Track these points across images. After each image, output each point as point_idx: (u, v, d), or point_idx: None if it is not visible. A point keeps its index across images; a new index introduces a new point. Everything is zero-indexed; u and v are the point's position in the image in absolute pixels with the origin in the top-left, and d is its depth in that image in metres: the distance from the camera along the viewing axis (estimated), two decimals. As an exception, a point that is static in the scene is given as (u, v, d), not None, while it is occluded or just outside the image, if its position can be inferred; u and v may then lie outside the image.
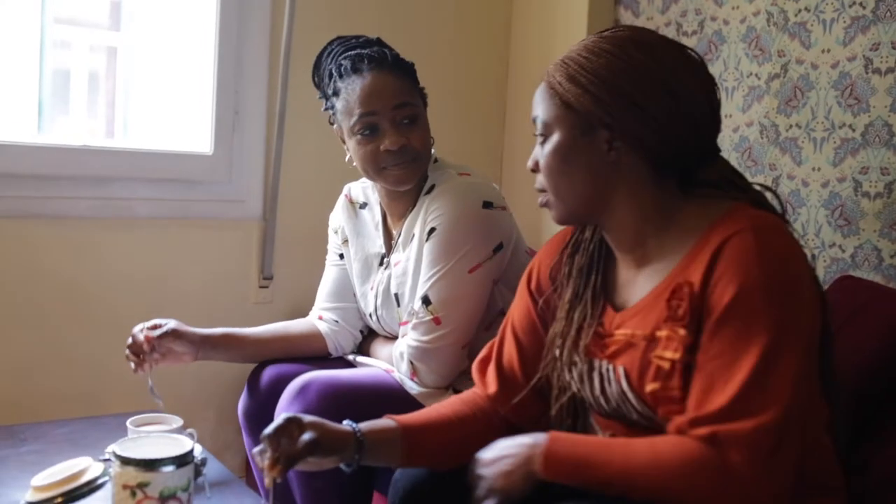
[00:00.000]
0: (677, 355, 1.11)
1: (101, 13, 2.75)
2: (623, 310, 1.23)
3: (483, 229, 1.68)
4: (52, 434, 1.76)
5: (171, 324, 1.74)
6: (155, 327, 1.74)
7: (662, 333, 1.14)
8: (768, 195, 1.22)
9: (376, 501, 1.74)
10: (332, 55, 1.76)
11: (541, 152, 1.24)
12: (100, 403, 2.14)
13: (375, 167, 1.71)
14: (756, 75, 2.16)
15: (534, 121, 1.27)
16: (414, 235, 1.73)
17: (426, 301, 1.65)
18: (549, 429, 1.31)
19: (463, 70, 2.76)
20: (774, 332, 1.05)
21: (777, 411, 1.03)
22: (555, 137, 1.22)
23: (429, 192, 1.74)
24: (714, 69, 2.23)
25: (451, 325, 1.65)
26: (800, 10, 2.06)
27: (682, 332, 1.12)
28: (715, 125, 1.23)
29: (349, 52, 1.73)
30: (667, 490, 1.06)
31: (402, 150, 1.68)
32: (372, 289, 1.84)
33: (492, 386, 1.38)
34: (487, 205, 1.69)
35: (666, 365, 1.12)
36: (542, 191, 1.26)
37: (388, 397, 1.64)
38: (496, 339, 1.43)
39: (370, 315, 1.86)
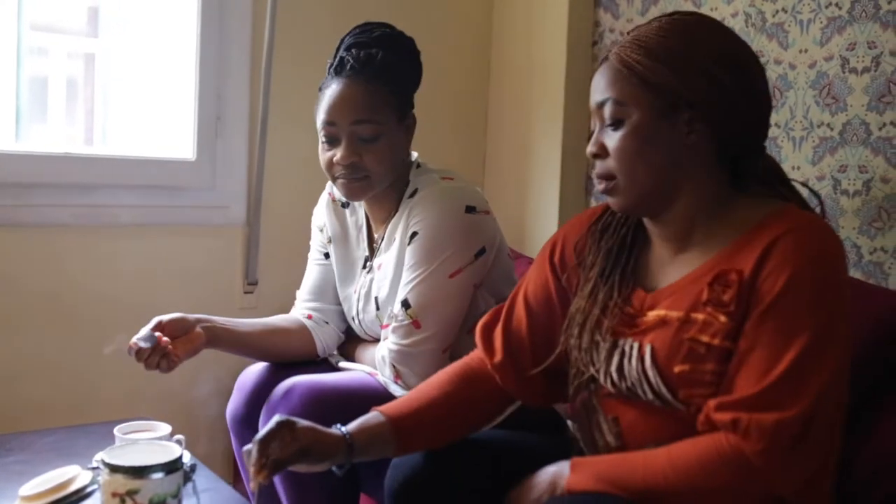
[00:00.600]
0: (715, 340, 1.12)
1: (79, 19, 2.73)
2: (655, 291, 1.23)
3: (465, 234, 1.67)
4: (39, 443, 1.75)
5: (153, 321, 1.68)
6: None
7: (699, 316, 1.14)
8: (814, 198, 1.25)
9: (363, 502, 1.75)
10: (343, 44, 1.75)
11: (609, 136, 1.20)
12: (86, 412, 2.13)
13: (330, 174, 1.74)
14: (735, 76, 2.18)
15: (600, 104, 1.21)
16: (395, 239, 1.73)
17: (406, 305, 1.65)
18: (566, 401, 1.32)
19: (444, 73, 2.76)
20: (820, 330, 1.07)
21: (802, 407, 1.04)
22: (634, 118, 1.18)
23: (412, 195, 1.73)
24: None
25: (431, 330, 1.64)
26: (777, 11, 2.08)
27: (723, 318, 1.12)
28: (770, 108, 1.23)
29: (345, 51, 1.72)
30: (691, 487, 1.08)
31: (352, 167, 1.68)
32: (355, 292, 1.84)
33: (498, 354, 1.36)
34: (470, 209, 1.69)
35: (701, 349, 1.13)
36: (609, 177, 1.21)
37: (372, 400, 1.62)
38: (503, 306, 1.41)
39: (353, 318, 1.86)
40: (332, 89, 1.69)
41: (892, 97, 1.86)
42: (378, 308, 1.76)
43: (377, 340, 1.79)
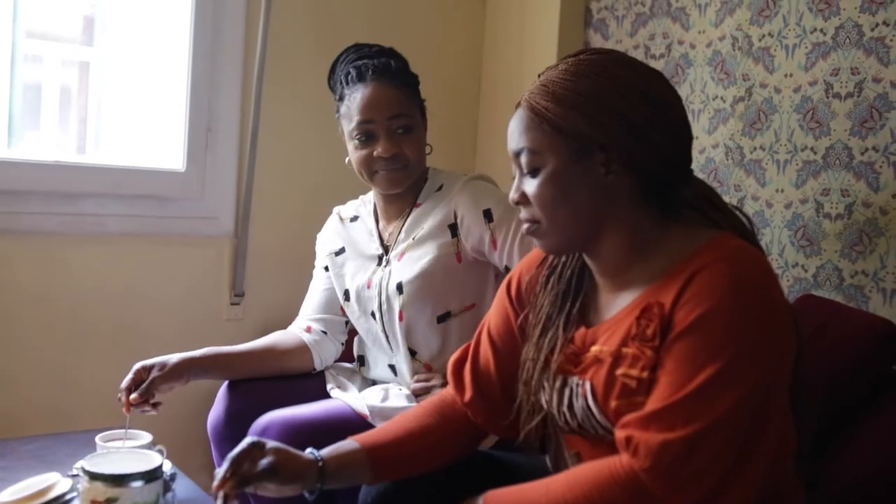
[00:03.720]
0: (644, 374, 1.12)
1: (74, 28, 2.75)
2: (594, 327, 1.24)
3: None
4: (20, 450, 1.75)
5: (154, 374, 1.69)
6: (138, 378, 1.69)
7: (629, 351, 1.15)
8: (742, 218, 1.24)
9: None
10: (344, 62, 1.86)
11: (528, 184, 1.21)
12: (68, 420, 2.12)
13: (368, 171, 1.81)
14: (721, 98, 2.21)
15: (517, 153, 1.22)
16: (424, 227, 1.81)
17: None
18: (519, 450, 1.34)
19: (435, 91, 2.77)
20: (731, 360, 1.06)
21: (692, 430, 1.04)
22: (549, 167, 1.18)
23: (438, 189, 1.86)
24: (681, 92, 2.27)
25: None
26: (763, 36, 2.11)
27: (649, 352, 1.12)
28: (690, 137, 1.24)
29: (358, 61, 1.82)
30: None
31: (394, 158, 1.79)
32: (370, 287, 1.87)
33: (468, 391, 1.38)
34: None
35: (632, 383, 1.13)
36: (534, 221, 1.22)
37: (346, 430, 1.63)
38: (472, 343, 1.43)
39: (372, 314, 1.87)
40: (363, 92, 1.78)
41: (875, 122, 1.88)
42: (401, 293, 1.79)
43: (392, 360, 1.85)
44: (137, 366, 1.71)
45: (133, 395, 1.65)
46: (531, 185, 1.21)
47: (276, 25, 2.42)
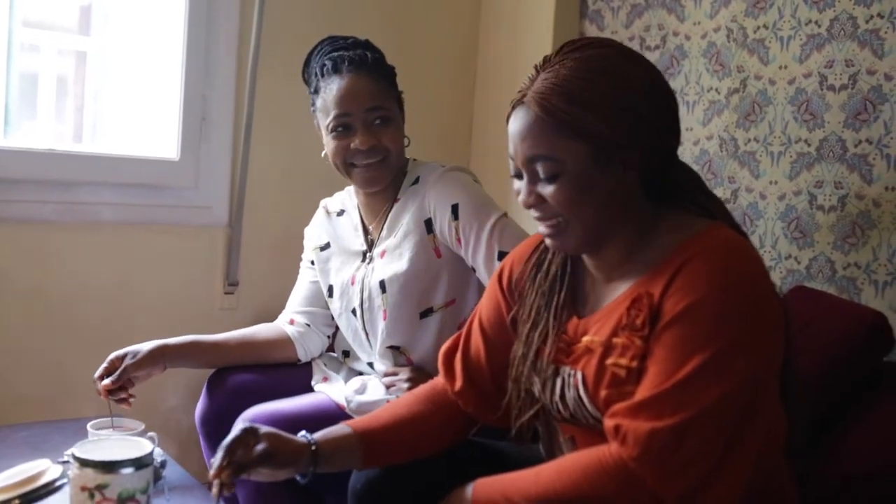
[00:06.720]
0: (633, 363, 1.13)
1: (71, 17, 2.74)
2: (586, 317, 1.25)
3: (487, 196, 1.80)
4: (11, 438, 1.75)
5: (126, 361, 1.71)
6: (111, 368, 1.72)
7: (619, 341, 1.15)
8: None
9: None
10: (319, 54, 1.83)
11: (545, 187, 1.18)
12: (60, 408, 2.13)
13: (345, 164, 1.78)
14: (716, 90, 2.20)
15: (530, 160, 1.18)
16: (402, 224, 1.79)
17: (502, 255, 1.67)
18: (513, 440, 1.33)
19: (430, 82, 2.78)
20: (719, 351, 1.06)
21: (679, 419, 1.04)
22: (568, 172, 1.16)
23: (415, 183, 1.81)
24: (675, 83, 2.28)
25: None
26: (758, 28, 2.11)
27: (638, 342, 1.13)
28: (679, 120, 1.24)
29: (333, 53, 1.79)
30: (580, 496, 1.09)
31: (372, 150, 1.75)
32: (354, 284, 1.86)
33: (458, 380, 1.38)
34: (476, 181, 1.85)
35: (622, 373, 1.14)
36: (556, 218, 1.19)
37: (330, 423, 1.63)
38: (462, 332, 1.43)
39: (353, 311, 1.87)
40: (339, 84, 1.75)
41: (868, 115, 1.88)
42: (384, 291, 1.79)
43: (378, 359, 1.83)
44: (112, 355, 1.73)
45: (106, 382, 1.68)
46: (548, 189, 1.18)
47: (271, 15, 2.41)
